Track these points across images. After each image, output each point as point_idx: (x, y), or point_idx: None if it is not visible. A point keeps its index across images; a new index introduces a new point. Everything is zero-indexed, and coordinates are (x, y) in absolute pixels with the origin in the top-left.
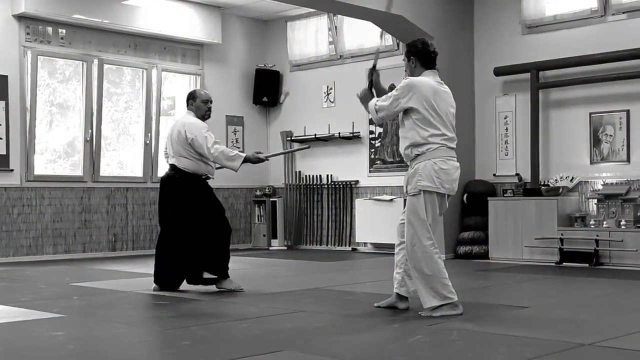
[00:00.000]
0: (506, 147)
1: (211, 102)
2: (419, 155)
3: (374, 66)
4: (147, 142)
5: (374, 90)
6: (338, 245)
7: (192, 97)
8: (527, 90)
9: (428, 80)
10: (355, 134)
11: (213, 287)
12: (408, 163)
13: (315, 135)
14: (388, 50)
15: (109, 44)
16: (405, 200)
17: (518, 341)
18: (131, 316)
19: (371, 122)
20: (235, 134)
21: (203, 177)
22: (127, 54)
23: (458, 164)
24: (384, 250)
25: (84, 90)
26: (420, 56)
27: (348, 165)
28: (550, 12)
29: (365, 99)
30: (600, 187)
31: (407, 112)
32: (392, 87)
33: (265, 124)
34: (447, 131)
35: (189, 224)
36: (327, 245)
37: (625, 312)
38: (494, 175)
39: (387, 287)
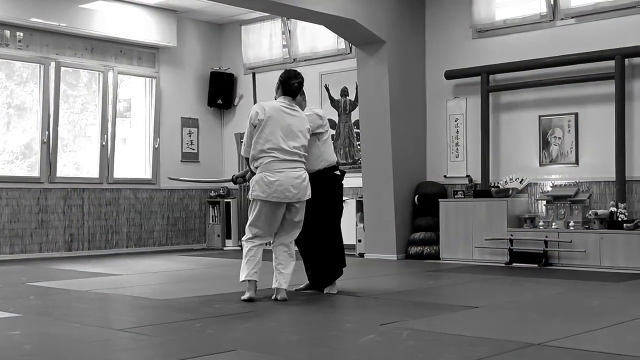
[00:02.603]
0: (457, 149)
1: None
2: (257, 167)
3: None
4: (104, 143)
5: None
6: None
7: None
8: (477, 93)
9: (274, 103)
10: None
11: None
12: None
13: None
14: (341, 54)
15: (65, 47)
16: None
17: (468, 341)
18: (87, 316)
19: None
20: (190, 136)
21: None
22: (83, 57)
23: (298, 173)
24: None
25: (41, 93)
26: (283, 85)
27: None
28: (501, 16)
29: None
30: (549, 188)
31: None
32: (344, 90)
33: (219, 126)
34: (285, 146)
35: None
36: None
37: (573, 312)
38: (445, 176)
39: (342, 285)
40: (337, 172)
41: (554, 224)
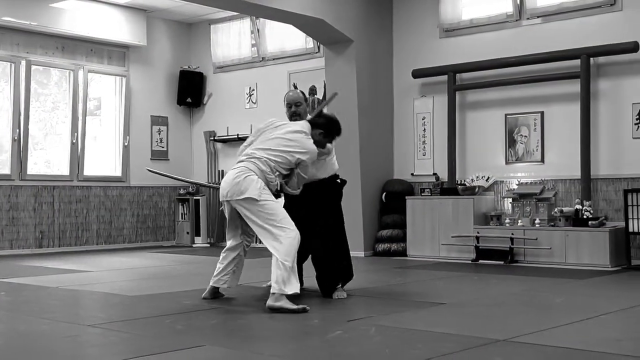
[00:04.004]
0: (424, 147)
1: (297, 104)
2: None
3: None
4: (74, 141)
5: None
6: (260, 243)
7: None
8: (444, 92)
9: (273, 119)
10: None
11: None
12: None
13: (237, 135)
14: (309, 53)
15: (36, 46)
16: None
17: (435, 337)
18: (57, 312)
19: None
20: (159, 134)
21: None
22: (54, 56)
23: (235, 172)
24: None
25: (11, 91)
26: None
27: None
28: (467, 16)
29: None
30: (515, 186)
31: None
32: (312, 89)
33: (189, 124)
34: (253, 150)
35: None
36: None
37: (538, 308)
38: (412, 174)
39: (308, 282)
40: (338, 181)
41: (519, 221)
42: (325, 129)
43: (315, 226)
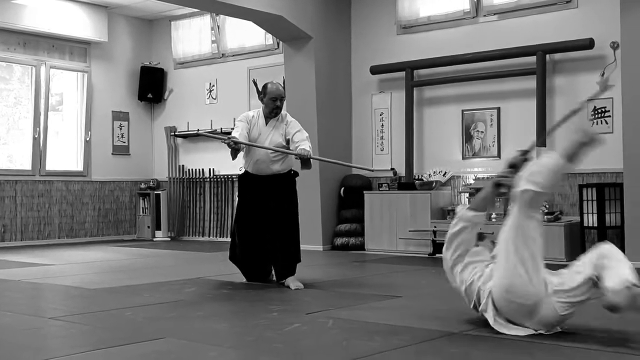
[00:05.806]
0: (382, 142)
1: (282, 99)
2: None
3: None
4: (36, 136)
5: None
6: (219, 237)
7: (263, 92)
8: (402, 88)
9: None
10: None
11: None
12: None
13: (198, 130)
14: (268, 50)
15: None
16: None
17: (392, 329)
18: (19, 305)
19: None
20: (121, 129)
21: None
22: (16, 52)
23: None
24: None
25: None
26: None
27: (229, 160)
28: (424, 13)
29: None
30: (472, 181)
31: None
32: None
33: (150, 120)
34: None
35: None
36: (209, 236)
37: None
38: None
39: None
40: (292, 172)
41: None
42: None
43: (275, 216)
